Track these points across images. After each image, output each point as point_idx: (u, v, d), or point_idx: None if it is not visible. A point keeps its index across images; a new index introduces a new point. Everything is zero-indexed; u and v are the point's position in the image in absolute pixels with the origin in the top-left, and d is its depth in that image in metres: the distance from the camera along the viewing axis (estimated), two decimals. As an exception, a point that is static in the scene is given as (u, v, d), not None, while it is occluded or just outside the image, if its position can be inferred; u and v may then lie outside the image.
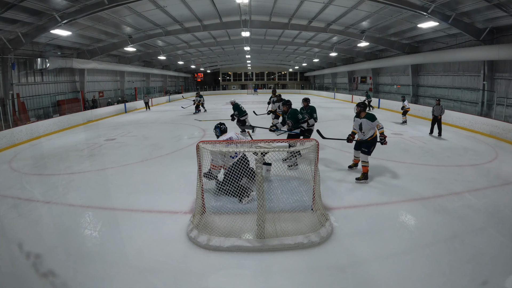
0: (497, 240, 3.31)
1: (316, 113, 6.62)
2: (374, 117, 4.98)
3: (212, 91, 39.49)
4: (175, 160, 6.87)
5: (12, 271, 2.91)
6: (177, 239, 3.40)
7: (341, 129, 10.73)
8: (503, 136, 8.84)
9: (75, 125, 12.99)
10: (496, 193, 4.67)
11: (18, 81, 12.83)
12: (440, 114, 9.11)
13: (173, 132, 10.43)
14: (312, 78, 40.65)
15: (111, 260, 3.04)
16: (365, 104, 5.31)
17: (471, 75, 13.16)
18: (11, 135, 9.00)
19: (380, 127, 4.95)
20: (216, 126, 4.70)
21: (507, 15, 9.25)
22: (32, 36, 11.07)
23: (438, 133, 9.18)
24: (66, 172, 6.10)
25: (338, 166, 6.14)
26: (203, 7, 12.26)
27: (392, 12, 11.21)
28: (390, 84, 20.48)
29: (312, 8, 12.23)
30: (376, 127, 4.95)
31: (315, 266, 2.92)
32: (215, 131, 4.70)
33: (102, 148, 8.27)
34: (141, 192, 4.84)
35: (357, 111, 5.19)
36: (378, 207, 4.19)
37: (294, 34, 18.37)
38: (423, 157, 6.69)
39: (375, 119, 4.97)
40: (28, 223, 3.91)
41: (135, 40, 15.63)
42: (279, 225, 3.40)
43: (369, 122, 4.98)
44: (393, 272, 2.80)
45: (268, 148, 3.39)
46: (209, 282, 2.75)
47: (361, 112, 5.13)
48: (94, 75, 18.81)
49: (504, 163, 6.39)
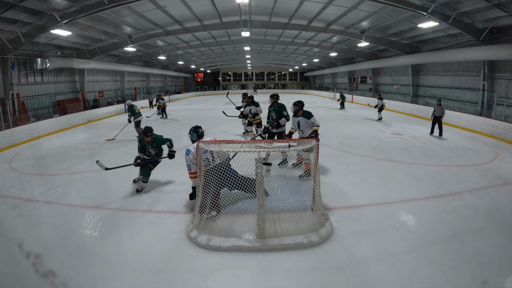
0: (497, 240, 3.31)
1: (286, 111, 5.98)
2: (310, 115, 5.07)
3: (212, 91, 39.49)
4: (175, 160, 6.86)
5: (12, 271, 2.91)
6: (177, 239, 3.40)
7: (341, 128, 10.75)
8: (503, 136, 8.84)
9: (75, 125, 12.98)
10: (496, 193, 4.67)
11: (18, 81, 12.82)
12: (441, 114, 9.13)
13: (173, 132, 10.43)
14: (312, 78, 40.65)
15: (111, 260, 3.04)
16: (302, 103, 5.23)
17: (471, 75, 13.16)
18: (11, 135, 8.99)
19: (315, 125, 5.02)
20: (192, 130, 4.11)
21: (507, 15, 9.25)
22: (32, 36, 11.06)
23: (439, 133, 9.17)
24: (66, 172, 6.10)
25: (338, 166, 6.14)
26: (203, 7, 12.26)
27: (392, 12, 11.21)
28: (390, 84, 20.48)
29: (312, 8, 12.24)
30: (312, 124, 5.02)
31: (315, 266, 2.92)
32: (190, 135, 4.12)
33: (102, 148, 8.26)
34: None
35: (294, 110, 5.21)
36: (378, 207, 4.19)
37: (294, 34, 18.37)
38: (423, 157, 6.69)
39: (312, 116, 5.06)
40: (28, 223, 3.91)
41: (135, 40, 15.63)
42: (279, 225, 3.40)
43: (306, 120, 5.06)
44: (393, 272, 2.80)
45: (268, 148, 3.39)
46: (209, 282, 2.75)
47: (298, 111, 5.18)
48: (94, 75, 18.80)
49: (504, 163, 6.39)
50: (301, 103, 5.23)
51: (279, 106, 5.98)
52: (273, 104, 6.08)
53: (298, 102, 5.22)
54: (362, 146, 7.84)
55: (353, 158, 6.74)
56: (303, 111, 5.16)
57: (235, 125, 10.35)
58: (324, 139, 8.53)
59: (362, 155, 6.99)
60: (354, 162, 6.45)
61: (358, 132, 9.91)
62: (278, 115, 5.92)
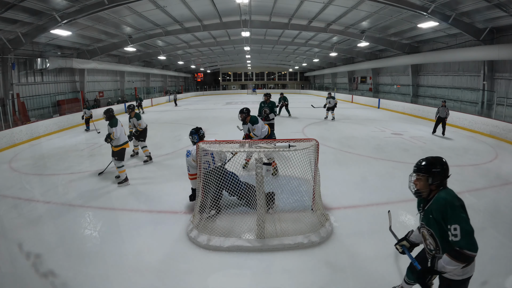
0: (497, 240, 3.31)
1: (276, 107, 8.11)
2: (256, 120, 5.36)
3: (213, 91, 39.50)
4: (175, 160, 6.88)
5: (12, 271, 2.91)
6: (177, 239, 3.40)
7: (341, 128, 10.75)
8: (503, 136, 8.84)
9: (75, 125, 12.99)
10: (496, 193, 4.67)
11: (18, 81, 12.83)
12: (446, 115, 9.04)
13: (173, 132, 10.43)
14: (312, 78, 40.65)
15: (111, 260, 3.04)
16: (248, 110, 5.44)
17: (471, 75, 13.16)
18: (11, 135, 9.00)
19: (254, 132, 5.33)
20: (193, 132, 4.10)
21: (507, 15, 9.24)
22: (32, 36, 11.06)
23: (442, 132, 9.15)
24: (66, 172, 6.10)
25: (338, 166, 6.14)
26: (203, 7, 12.26)
27: (392, 12, 11.21)
28: (390, 84, 20.48)
29: (312, 8, 12.23)
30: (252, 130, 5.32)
31: (315, 266, 2.92)
32: (191, 137, 4.11)
33: (102, 148, 8.26)
34: (141, 192, 4.84)
35: (242, 118, 5.40)
36: (378, 207, 4.19)
37: (294, 34, 18.37)
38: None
39: (257, 122, 5.34)
40: (28, 223, 3.91)
41: (135, 40, 15.63)
42: (279, 225, 3.40)
43: (251, 126, 5.32)
44: (393, 272, 2.80)
45: (268, 148, 3.39)
46: (209, 282, 2.75)
47: (246, 118, 5.39)
48: (94, 75, 18.80)
49: (504, 163, 6.39)
50: (248, 110, 5.47)
51: (272, 103, 7.87)
52: (266, 101, 7.96)
53: (245, 110, 5.45)
54: (362, 146, 7.84)
55: (353, 158, 6.74)
56: (250, 117, 5.41)
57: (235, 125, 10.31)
58: (324, 139, 8.54)
59: (362, 155, 6.99)
60: (354, 162, 6.45)
61: (358, 132, 9.91)
62: (270, 110, 7.65)
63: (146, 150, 6.71)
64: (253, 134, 5.33)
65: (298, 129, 10.73)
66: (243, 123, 5.52)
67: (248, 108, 5.51)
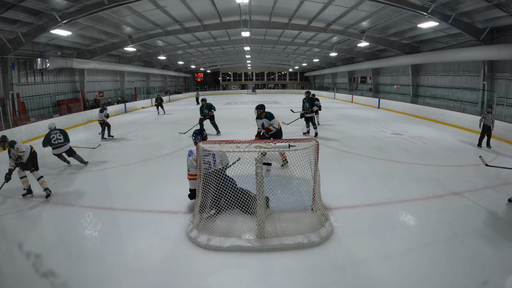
0: (497, 240, 3.31)
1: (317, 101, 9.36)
2: (272, 116, 5.75)
3: (213, 91, 39.50)
4: (175, 160, 6.87)
5: (12, 271, 2.91)
6: (177, 239, 3.40)
7: (341, 128, 10.75)
8: (503, 136, 8.83)
9: (75, 125, 12.99)
10: (496, 193, 4.67)
11: (18, 81, 12.83)
12: (492, 124, 7.69)
13: (173, 132, 10.43)
14: (312, 78, 40.65)
15: (111, 260, 3.04)
16: (264, 106, 5.83)
17: (471, 75, 13.16)
18: (11, 135, 8.97)
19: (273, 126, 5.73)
20: (196, 133, 4.21)
21: (507, 15, 9.25)
22: (32, 36, 11.07)
23: (486, 143, 7.82)
24: (66, 172, 6.10)
25: (338, 166, 6.14)
26: (203, 7, 12.26)
27: (392, 12, 11.21)
28: (390, 84, 20.49)
29: (312, 8, 12.24)
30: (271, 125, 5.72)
31: (315, 266, 2.92)
32: (194, 137, 4.20)
33: (102, 148, 8.26)
34: (141, 192, 4.84)
35: (258, 114, 5.82)
36: (378, 207, 4.19)
37: (294, 34, 18.37)
38: (423, 157, 6.68)
39: (273, 117, 5.75)
40: (28, 223, 3.91)
41: (135, 40, 15.63)
42: (279, 225, 3.40)
43: (268, 121, 5.74)
44: (393, 272, 2.80)
45: (268, 148, 3.39)
46: (209, 282, 2.75)
47: (262, 114, 5.79)
48: (94, 75, 18.81)
49: (504, 163, 6.39)
50: (264, 106, 5.84)
51: (311, 99, 8.85)
52: (307, 97, 9.13)
53: (260, 106, 5.83)
54: (362, 146, 7.84)
55: (353, 158, 6.74)
56: (265, 113, 5.78)
57: (235, 125, 10.34)
58: (324, 139, 8.55)
59: (362, 155, 6.99)
60: (354, 162, 6.45)
61: (358, 132, 9.91)
62: (310, 105, 8.75)
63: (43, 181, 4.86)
64: (272, 128, 5.79)
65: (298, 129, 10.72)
66: (257, 118, 5.91)
67: (263, 104, 5.91)
